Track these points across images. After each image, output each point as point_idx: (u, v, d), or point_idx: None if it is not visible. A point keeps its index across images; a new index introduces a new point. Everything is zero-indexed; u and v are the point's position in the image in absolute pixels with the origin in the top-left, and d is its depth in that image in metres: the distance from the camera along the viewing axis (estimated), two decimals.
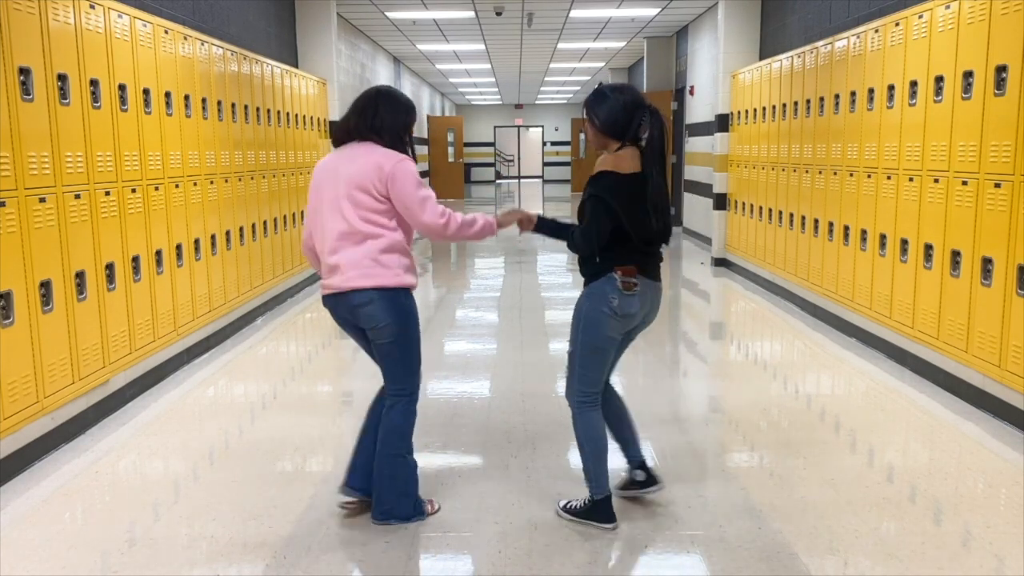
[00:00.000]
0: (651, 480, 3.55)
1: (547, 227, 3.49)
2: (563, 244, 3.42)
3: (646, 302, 3.34)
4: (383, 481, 3.38)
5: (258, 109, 7.50)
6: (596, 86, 3.50)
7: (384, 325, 3.26)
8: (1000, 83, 4.55)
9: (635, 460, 3.55)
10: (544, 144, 34.13)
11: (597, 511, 3.36)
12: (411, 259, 3.35)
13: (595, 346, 3.30)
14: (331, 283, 3.29)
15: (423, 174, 22.20)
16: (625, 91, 3.33)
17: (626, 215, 3.18)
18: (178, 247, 5.67)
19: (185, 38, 5.94)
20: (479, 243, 13.18)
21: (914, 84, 5.51)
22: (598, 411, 3.37)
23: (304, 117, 9.02)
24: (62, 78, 4.34)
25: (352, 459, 3.50)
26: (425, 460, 4.15)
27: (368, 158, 3.24)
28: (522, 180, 34.95)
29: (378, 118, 3.30)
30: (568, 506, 3.45)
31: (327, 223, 3.28)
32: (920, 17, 5.45)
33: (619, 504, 3.54)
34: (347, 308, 3.30)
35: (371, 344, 3.37)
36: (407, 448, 3.40)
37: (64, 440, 4.32)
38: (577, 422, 3.37)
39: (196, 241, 5.98)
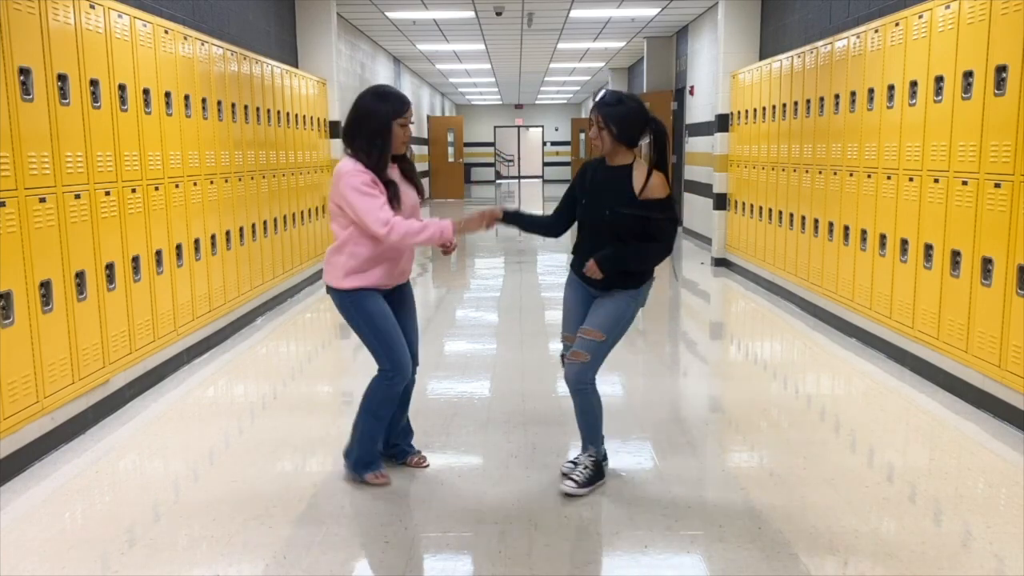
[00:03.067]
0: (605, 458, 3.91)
1: (516, 220, 3.82)
2: (563, 244, 3.56)
3: None
4: (353, 428, 3.82)
5: (258, 109, 7.50)
6: (605, 90, 3.64)
7: (344, 318, 3.71)
8: (1000, 83, 4.55)
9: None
10: (544, 144, 34.14)
11: (601, 470, 3.75)
12: (365, 261, 3.60)
13: (623, 335, 3.69)
14: None
15: (423, 174, 22.23)
16: (635, 99, 3.63)
17: None
18: (178, 247, 5.67)
19: (185, 38, 5.94)
20: (479, 243, 13.18)
21: (914, 84, 5.51)
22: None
23: (304, 117, 9.03)
24: (62, 78, 4.34)
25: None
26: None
27: (336, 169, 3.59)
28: (522, 180, 34.96)
29: (349, 129, 3.62)
30: (580, 480, 3.64)
31: None
32: (920, 17, 5.45)
33: (619, 504, 3.55)
34: None
35: None
36: (374, 413, 3.73)
37: (64, 440, 4.31)
38: (591, 397, 3.69)
39: (196, 241, 5.98)
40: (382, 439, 3.89)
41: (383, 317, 3.64)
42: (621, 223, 3.53)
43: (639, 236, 3.55)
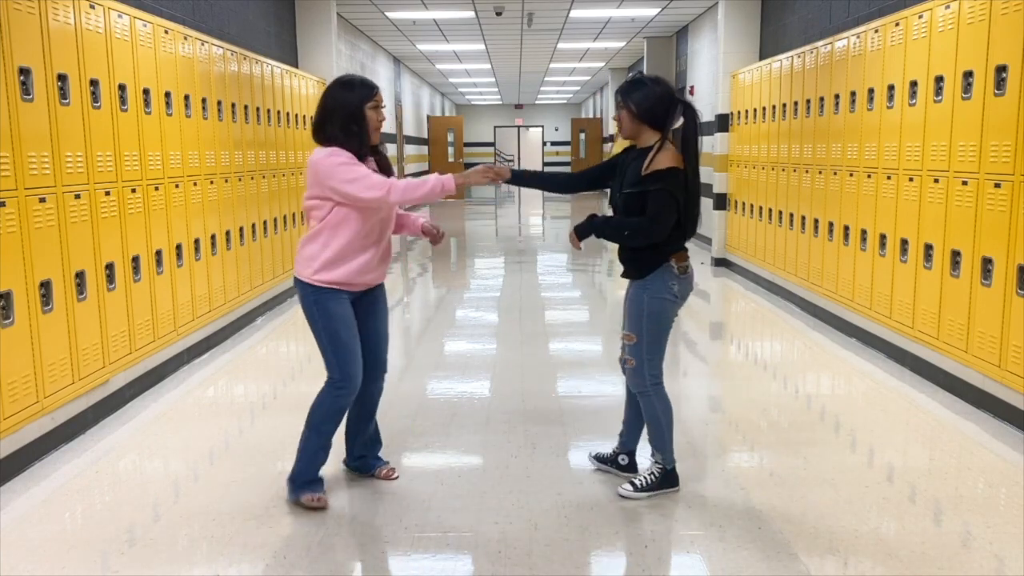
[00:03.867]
0: (631, 468, 3.80)
1: (525, 179, 3.79)
2: (564, 244, 3.49)
3: (693, 280, 3.62)
4: (298, 447, 3.58)
5: (258, 109, 7.50)
6: (631, 75, 3.57)
7: (305, 314, 3.54)
8: (1000, 83, 4.55)
9: (629, 447, 3.83)
10: (544, 144, 34.15)
11: (670, 478, 3.63)
12: (341, 250, 3.41)
13: (661, 331, 3.55)
14: None
15: (422, 174, 22.24)
16: (661, 82, 3.54)
17: (685, 209, 3.44)
18: (178, 247, 5.67)
19: (185, 38, 5.94)
20: (479, 243, 13.18)
21: (914, 84, 5.51)
22: (664, 388, 3.61)
23: (304, 117, 9.02)
24: (62, 78, 4.34)
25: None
26: (425, 460, 4.17)
27: (310, 161, 3.43)
28: None
29: (320, 123, 3.46)
30: (638, 484, 3.60)
31: None
32: (920, 17, 5.45)
33: (619, 504, 3.55)
34: None
35: None
36: (317, 428, 3.53)
37: (64, 440, 4.31)
38: (654, 401, 3.58)
39: (196, 241, 5.98)
40: (327, 455, 3.60)
41: (344, 323, 3.47)
42: (624, 203, 3.49)
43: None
